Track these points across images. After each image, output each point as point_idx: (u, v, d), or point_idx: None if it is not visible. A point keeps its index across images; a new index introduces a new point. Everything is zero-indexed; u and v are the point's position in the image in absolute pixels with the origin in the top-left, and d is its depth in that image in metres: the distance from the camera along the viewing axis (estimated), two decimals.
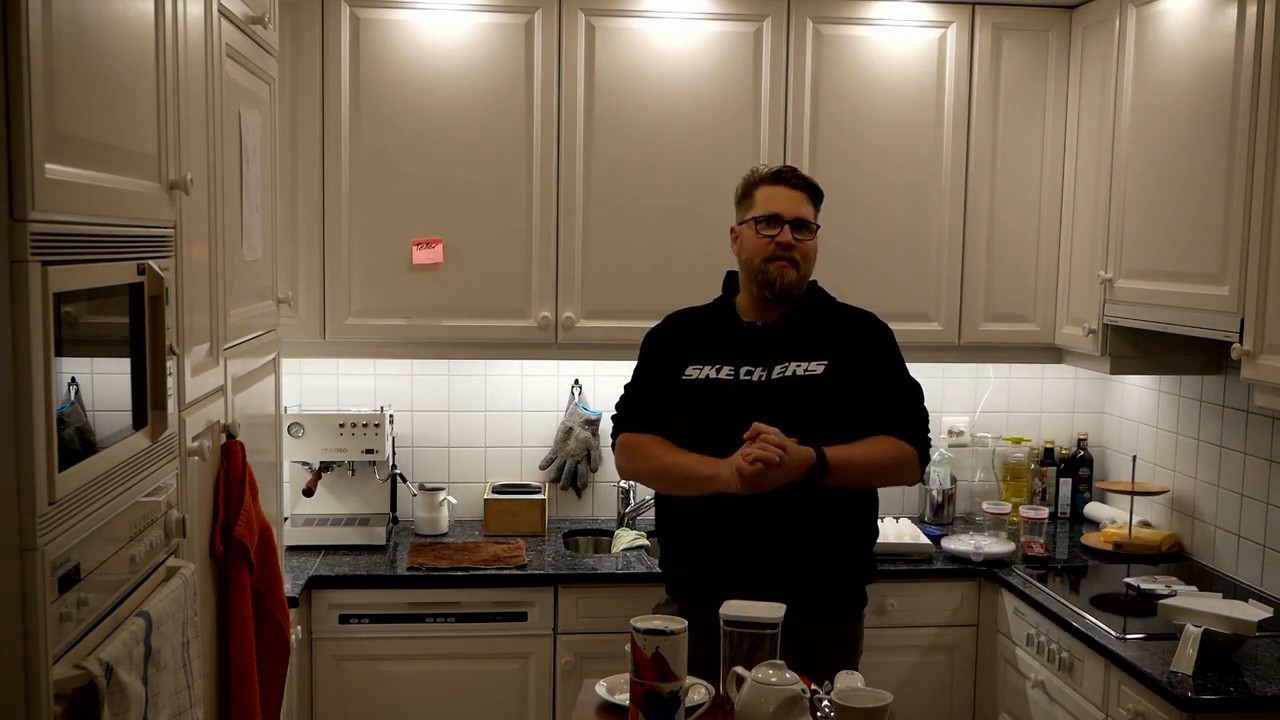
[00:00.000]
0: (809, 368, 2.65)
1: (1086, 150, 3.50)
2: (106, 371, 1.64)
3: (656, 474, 2.72)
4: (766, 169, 2.77)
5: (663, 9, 3.46)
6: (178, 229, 1.91)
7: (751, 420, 2.54)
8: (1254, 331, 2.67)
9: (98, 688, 1.46)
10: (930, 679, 3.44)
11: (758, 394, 2.63)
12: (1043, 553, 3.48)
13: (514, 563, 3.35)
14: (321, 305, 3.45)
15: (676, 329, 2.84)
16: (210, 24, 2.14)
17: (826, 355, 2.67)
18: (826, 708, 2.19)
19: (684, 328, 2.83)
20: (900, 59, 3.56)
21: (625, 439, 2.78)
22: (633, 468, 2.78)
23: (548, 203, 3.47)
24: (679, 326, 2.84)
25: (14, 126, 1.33)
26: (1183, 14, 3.00)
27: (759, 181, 2.73)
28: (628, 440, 2.77)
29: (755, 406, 2.60)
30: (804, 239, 2.68)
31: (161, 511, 1.84)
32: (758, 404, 2.61)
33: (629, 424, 2.78)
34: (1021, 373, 4.02)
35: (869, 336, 2.76)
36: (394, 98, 3.40)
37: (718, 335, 2.75)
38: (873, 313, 2.83)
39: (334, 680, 3.24)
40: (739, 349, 2.70)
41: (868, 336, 2.76)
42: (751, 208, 2.72)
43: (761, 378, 2.65)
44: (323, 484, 3.57)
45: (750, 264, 2.70)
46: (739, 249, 2.75)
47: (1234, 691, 2.50)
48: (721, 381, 2.66)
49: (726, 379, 2.66)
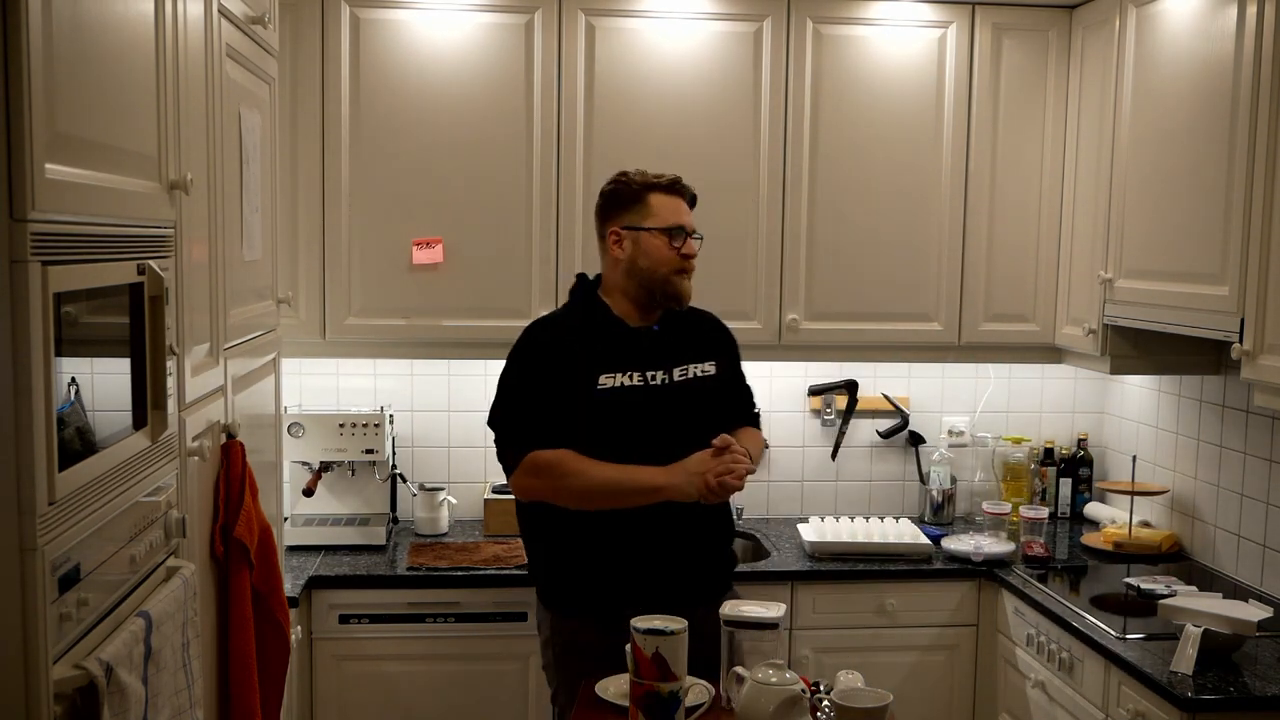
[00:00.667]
0: (704, 368, 2.75)
1: (1086, 150, 3.50)
2: (106, 371, 1.64)
3: (584, 491, 2.57)
4: (658, 176, 2.72)
5: (663, 9, 3.46)
6: (178, 229, 1.91)
7: (662, 424, 2.62)
8: (1254, 331, 2.67)
9: (98, 688, 1.46)
10: (930, 679, 3.44)
11: (665, 397, 2.66)
12: (1043, 553, 3.48)
13: (514, 563, 3.35)
14: (321, 305, 3.45)
15: (566, 337, 2.68)
16: (210, 24, 2.14)
17: (711, 354, 2.79)
18: (826, 708, 2.19)
19: (574, 336, 2.68)
20: (900, 59, 3.56)
21: (535, 458, 2.57)
22: (550, 486, 2.59)
23: (548, 202, 3.47)
24: (567, 335, 2.69)
25: (14, 126, 1.33)
26: (1183, 14, 3.00)
27: (654, 188, 2.70)
28: (540, 459, 2.57)
29: (664, 410, 2.65)
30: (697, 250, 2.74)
31: (161, 511, 1.84)
32: (666, 407, 2.65)
33: (532, 440, 2.58)
34: (1021, 373, 4.02)
35: (724, 333, 2.90)
36: (394, 98, 3.40)
37: (614, 342, 2.67)
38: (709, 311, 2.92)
39: (334, 680, 3.24)
40: (639, 355, 2.67)
41: (724, 333, 2.90)
42: (648, 216, 2.68)
43: (665, 381, 2.68)
44: (323, 484, 3.57)
45: (653, 273, 2.67)
46: (631, 256, 2.68)
47: (1234, 691, 2.50)
48: (635, 388, 2.64)
49: (638, 385, 2.65)
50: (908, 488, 4.02)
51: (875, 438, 3.99)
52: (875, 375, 3.90)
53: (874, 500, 4.01)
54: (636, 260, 2.68)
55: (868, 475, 4.01)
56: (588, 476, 2.55)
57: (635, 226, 2.68)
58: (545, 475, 2.58)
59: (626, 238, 2.68)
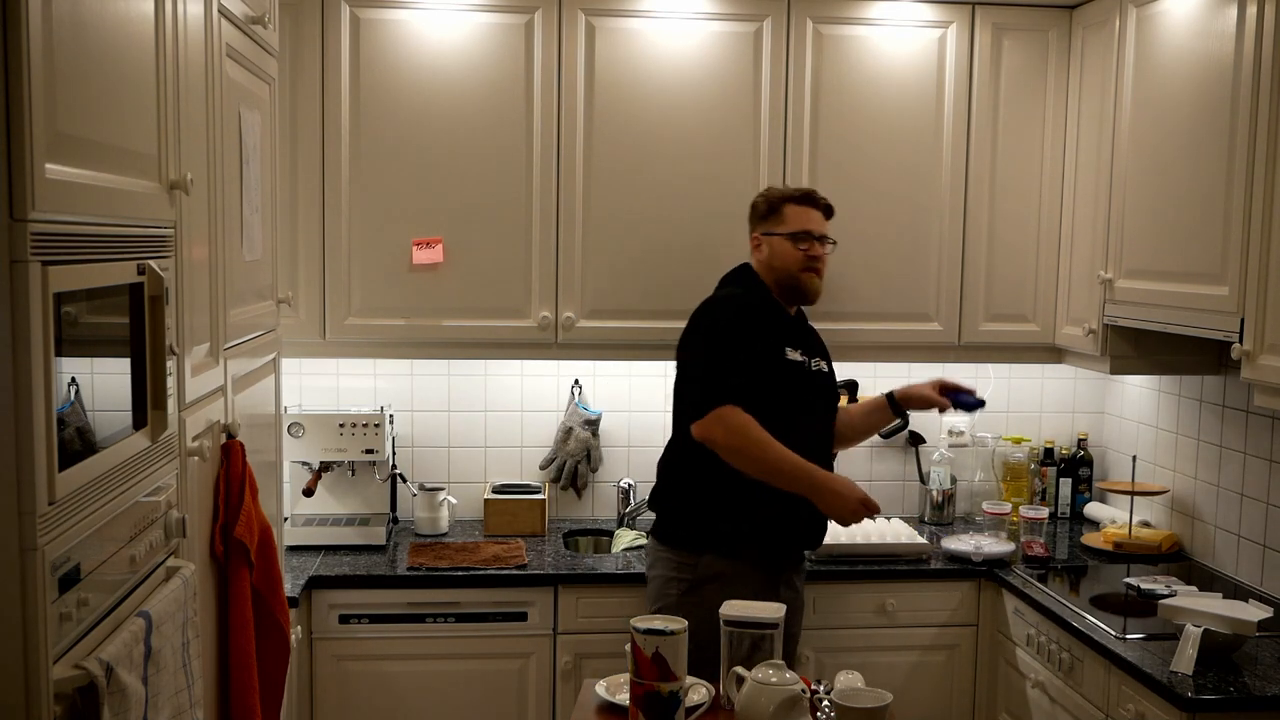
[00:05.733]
0: (822, 364, 3.09)
1: (1086, 150, 3.50)
2: (106, 371, 1.64)
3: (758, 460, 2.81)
4: (794, 190, 3.11)
5: (663, 9, 3.46)
6: (178, 229, 1.91)
7: (816, 403, 3.02)
8: (1254, 331, 2.67)
9: (98, 688, 1.46)
10: (930, 679, 3.44)
11: (815, 380, 3.03)
12: (1043, 553, 3.48)
13: (514, 563, 3.35)
14: (321, 305, 3.44)
15: (761, 308, 3.00)
16: (210, 24, 2.14)
17: (825, 355, 3.13)
18: (826, 708, 2.20)
19: (766, 309, 3.01)
20: (900, 59, 3.56)
21: (731, 412, 2.80)
22: (730, 443, 2.81)
23: (547, 202, 3.47)
24: (761, 307, 3.01)
25: (14, 126, 1.33)
26: (1183, 14, 3.00)
27: (788, 200, 3.06)
28: (734, 413, 2.80)
29: (817, 391, 3.03)
30: (827, 252, 3.08)
31: (161, 511, 1.84)
32: (817, 389, 3.04)
33: (733, 395, 2.82)
34: (1021, 373, 4.02)
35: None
36: (394, 98, 3.40)
37: (785, 323, 3.03)
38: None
39: (334, 680, 3.24)
40: (800, 338, 3.03)
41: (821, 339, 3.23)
42: (782, 223, 3.03)
43: (815, 367, 3.04)
44: (323, 484, 3.57)
45: (785, 271, 3.02)
46: (768, 257, 3.04)
47: (1234, 691, 2.50)
48: (804, 365, 2.98)
49: (804, 363, 2.99)
50: (908, 488, 4.02)
51: (875, 438, 3.99)
52: (875, 375, 3.89)
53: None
54: (772, 261, 3.03)
55: (868, 475, 4.01)
56: (769, 449, 2.81)
57: (770, 232, 3.04)
58: (733, 431, 2.81)
59: (764, 242, 3.05)
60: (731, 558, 2.88)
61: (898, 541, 3.54)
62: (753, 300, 3.00)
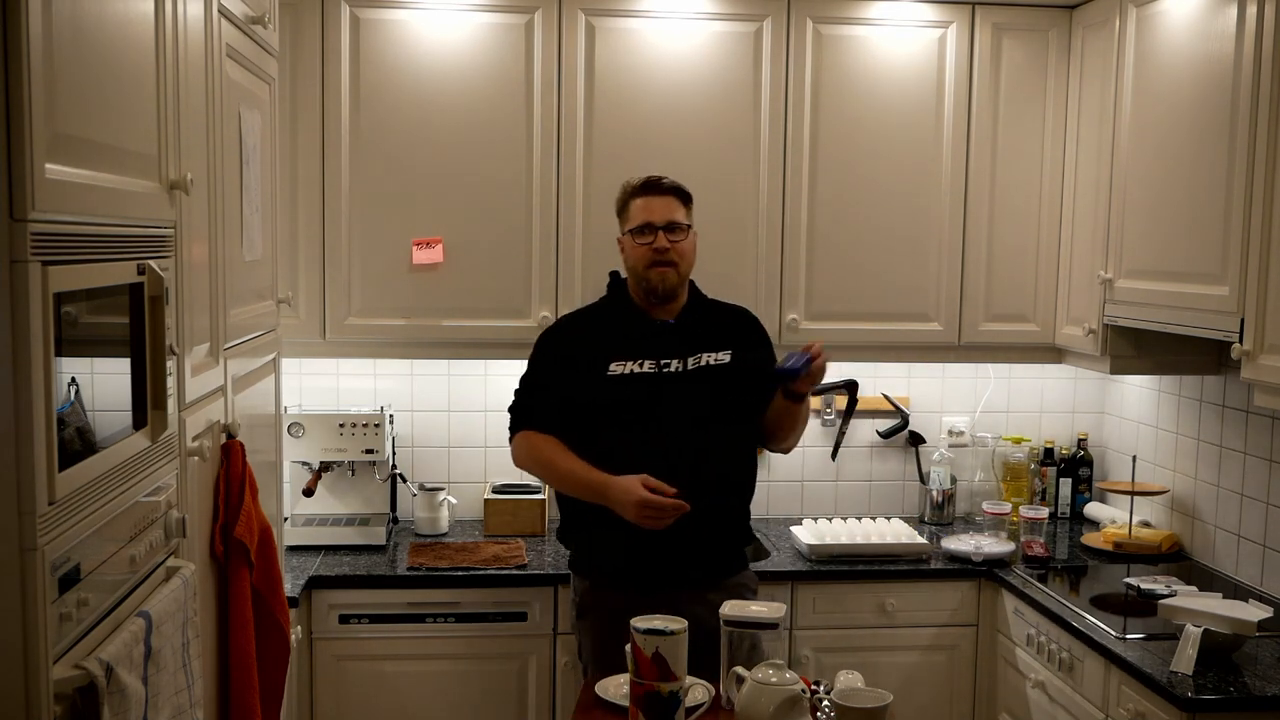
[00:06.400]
0: (718, 357, 2.90)
1: (1086, 150, 3.50)
2: (106, 371, 1.64)
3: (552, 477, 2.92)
4: (637, 180, 2.94)
5: (663, 9, 3.46)
6: (178, 229, 1.91)
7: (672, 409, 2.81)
8: (1254, 331, 2.67)
9: (98, 688, 1.46)
10: (930, 679, 3.44)
11: (676, 383, 2.85)
12: (1043, 553, 3.48)
13: (514, 563, 3.35)
14: (321, 305, 3.44)
15: (585, 326, 2.96)
16: (210, 24, 2.14)
17: (728, 344, 2.93)
18: (826, 708, 2.20)
19: (594, 325, 2.95)
20: (900, 59, 3.56)
21: (525, 436, 2.90)
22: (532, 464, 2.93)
23: (548, 202, 3.47)
24: (586, 324, 2.97)
25: (14, 126, 1.33)
26: (1183, 14, 3.00)
27: (631, 194, 2.92)
28: (528, 437, 2.89)
29: (675, 396, 2.84)
30: (678, 239, 2.87)
31: (161, 511, 1.84)
32: (677, 393, 2.84)
33: (528, 419, 2.91)
34: (1021, 373, 4.02)
35: (750, 327, 3.05)
36: (394, 98, 3.40)
37: (634, 333, 2.90)
38: (746, 308, 3.12)
39: (334, 680, 3.24)
40: (657, 345, 2.88)
41: (750, 327, 3.04)
42: (628, 219, 2.91)
43: (679, 369, 2.87)
44: (323, 484, 3.57)
45: (635, 271, 2.90)
46: (625, 259, 2.94)
47: (1234, 691, 2.50)
48: (646, 375, 2.85)
49: (649, 372, 2.85)
50: (908, 488, 4.02)
51: (875, 438, 4.00)
52: (875, 375, 3.90)
53: (874, 500, 4.02)
54: (627, 263, 2.94)
55: (868, 475, 4.01)
56: (555, 466, 2.84)
57: (623, 232, 2.94)
58: (523, 455, 2.92)
59: (622, 244, 2.95)
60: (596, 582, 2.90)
61: (898, 541, 3.54)
62: (588, 314, 3.01)
